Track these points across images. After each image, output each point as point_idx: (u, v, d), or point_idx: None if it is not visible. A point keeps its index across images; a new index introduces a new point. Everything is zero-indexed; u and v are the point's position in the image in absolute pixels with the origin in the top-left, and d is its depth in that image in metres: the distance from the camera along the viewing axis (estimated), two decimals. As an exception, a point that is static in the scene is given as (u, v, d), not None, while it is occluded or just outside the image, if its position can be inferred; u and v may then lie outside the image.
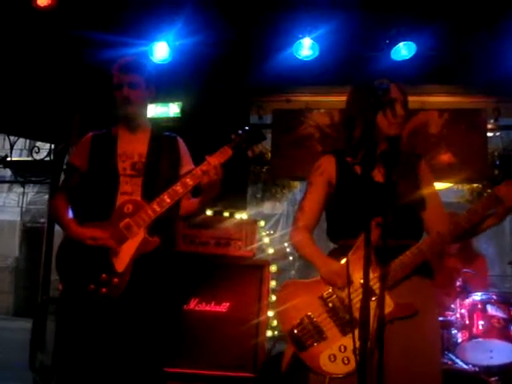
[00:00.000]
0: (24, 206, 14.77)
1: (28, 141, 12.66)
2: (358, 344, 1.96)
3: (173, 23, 4.96)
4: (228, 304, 4.26)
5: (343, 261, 2.44)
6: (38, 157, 7.01)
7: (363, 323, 1.94)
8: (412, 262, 2.39)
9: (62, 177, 5.70)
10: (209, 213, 4.46)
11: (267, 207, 6.80)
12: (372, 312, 2.00)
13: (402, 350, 2.30)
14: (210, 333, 4.19)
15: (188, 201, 3.18)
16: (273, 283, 4.44)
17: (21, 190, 14.27)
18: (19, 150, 13.24)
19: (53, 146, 6.65)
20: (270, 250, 4.99)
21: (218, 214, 4.52)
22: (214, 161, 2.93)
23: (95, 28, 4.81)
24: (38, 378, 4.53)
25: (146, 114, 3.32)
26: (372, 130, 2.19)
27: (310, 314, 2.44)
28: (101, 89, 5.14)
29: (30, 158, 8.11)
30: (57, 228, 5.59)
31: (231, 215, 4.55)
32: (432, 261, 2.53)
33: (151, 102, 3.51)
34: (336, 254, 2.54)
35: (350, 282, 2.30)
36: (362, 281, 2.27)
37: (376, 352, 1.99)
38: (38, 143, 7.69)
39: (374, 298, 2.27)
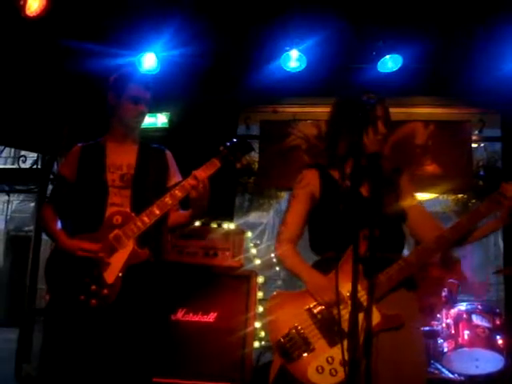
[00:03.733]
0: (9, 214, 14.65)
1: (13, 149, 12.58)
2: (346, 355, 1.97)
3: (161, 34, 4.98)
4: (215, 314, 4.26)
5: (330, 274, 2.46)
6: (24, 166, 6.97)
7: (352, 335, 1.96)
8: (399, 274, 2.41)
9: (50, 186, 5.69)
10: (197, 223, 4.47)
11: (253, 216, 6.80)
12: (360, 324, 2.02)
13: (389, 361, 2.32)
14: (198, 343, 4.20)
15: (176, 212, 3.18)
16: (260, 294, 4.45)
17: (5, 198, 14.16)
18: (4, 159, 13.17)
19: (39, 155, 6.63)
20: (257, 261, 5.01)
21: (206, 225, 4.54)
22: (201, 175, 2.93)
23: (84, 38, 4.81)
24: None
25: None
26: (360, 145, 2.22)
27: (297, 325, 2.45)
28: (89, 99, 5.18)
29: (15, 166, 8.06)
30: (43, 237, 5.58)
31: (219, 226, 4.57)
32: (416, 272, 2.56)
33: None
34: (320, 267, 2.55)
35: (338, 296, 2.32)
36: (348, 293, 2.30)
37: (364, 363, 2.01)
38: (24, 152, 7.64)
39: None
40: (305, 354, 2.41)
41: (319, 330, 2.43)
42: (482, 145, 6.13)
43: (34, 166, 6.84)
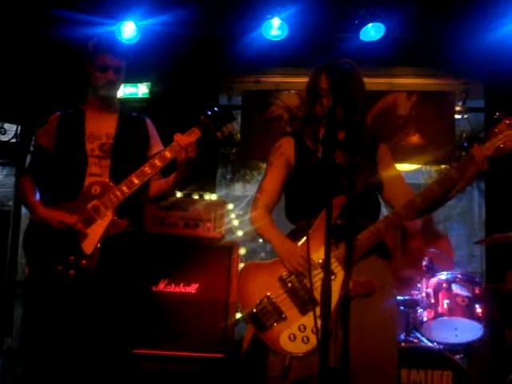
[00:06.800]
0: (-9, 188, 14.49)
1: (-6, 122, 12.39)
2: (319, 323, 1.95)
3: (140, 2, 4.89)
4: (197, 285, 4.26)
5: (301, 241, 2.46)
6: (3, 138, 6.85)
7: (325, 301, 1.93)
8: (369, 240, 2.42)
9: (29, 158, 5.61)
10: (178, 195, 4.44)
11: (237, 189, 6.75)
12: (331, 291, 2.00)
13: (358, 328, 2.27)
14: (180, 314, 4.19)
15: (159, 181, 3.16)
16: (242, 265, 4.45)
17: (-13, 172, 13.98)
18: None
19: (19, 127, 6.52)
20: (240, 233, 4.99)
21: (187, 196, 4.51)
22: (183, 139, 2.91)
23: (62, 6, 4.71)
24: (6, 363, 4.48)
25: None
26: (333, 110, 2.17)
27: (269, 294, 2.46)
28: (68, 68, 5.09)
29: (-5, 140, 7.93)
30: (24, 211, 5.52)
31: (201, 197, 4.54)
32: (394, 242, 2.56)
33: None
34: (295, 235, 2.55)
35: (310, 262, 2.30)
36: (320, 260, 2.31)
37: (338, 330, 2.00)
38: (5, 125, 7.52)
39: (332, 277, 2.29)
40: (277, 323, 2.42)
41: (291, 298, 2.45)
42: (466, 116, 6.11)
43: (14, 140, 6.72)
